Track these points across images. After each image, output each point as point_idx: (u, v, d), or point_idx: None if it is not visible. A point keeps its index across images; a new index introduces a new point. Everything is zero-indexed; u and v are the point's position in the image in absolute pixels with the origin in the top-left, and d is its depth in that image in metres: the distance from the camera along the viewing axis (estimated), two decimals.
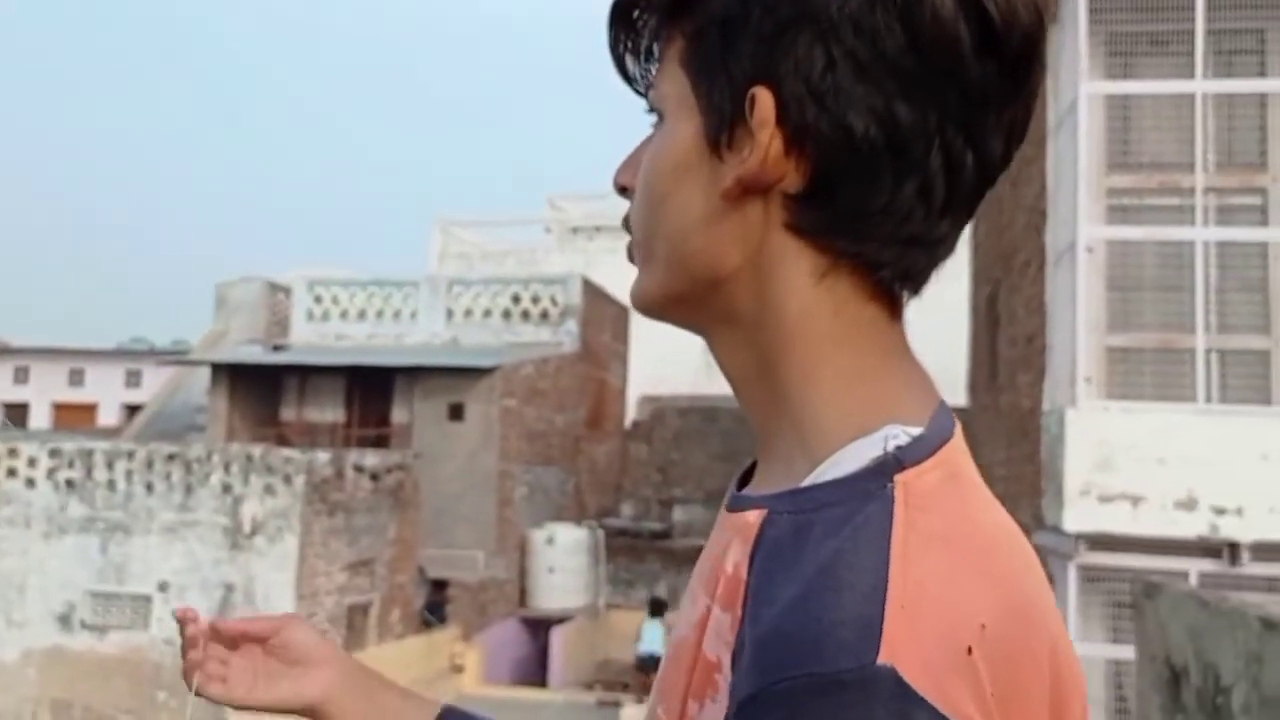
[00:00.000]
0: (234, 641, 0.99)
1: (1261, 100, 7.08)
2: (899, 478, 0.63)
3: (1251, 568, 6.66)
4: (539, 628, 14.73)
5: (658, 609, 13.02)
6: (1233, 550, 6.66)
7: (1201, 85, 7.02)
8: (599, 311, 18.18)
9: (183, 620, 1.02)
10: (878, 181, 0.65)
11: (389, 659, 11.57)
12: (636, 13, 0.73)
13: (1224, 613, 4.81)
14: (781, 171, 0.66)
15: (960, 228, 0.70)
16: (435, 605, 13.24)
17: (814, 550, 0.60)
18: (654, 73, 0.74)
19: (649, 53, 0.75)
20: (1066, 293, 6.96)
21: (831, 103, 0.64)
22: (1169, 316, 7.00)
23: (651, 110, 0.74)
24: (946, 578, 0.59)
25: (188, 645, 1.00)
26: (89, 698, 10.64)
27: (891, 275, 0.69)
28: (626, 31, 0.75)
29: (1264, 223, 7.01)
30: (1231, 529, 6.61)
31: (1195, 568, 6.75)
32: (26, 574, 10.89)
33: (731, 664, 0.61)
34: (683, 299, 0.73)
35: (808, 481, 0.65)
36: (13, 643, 10.84)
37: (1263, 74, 7.13)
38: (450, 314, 17.10)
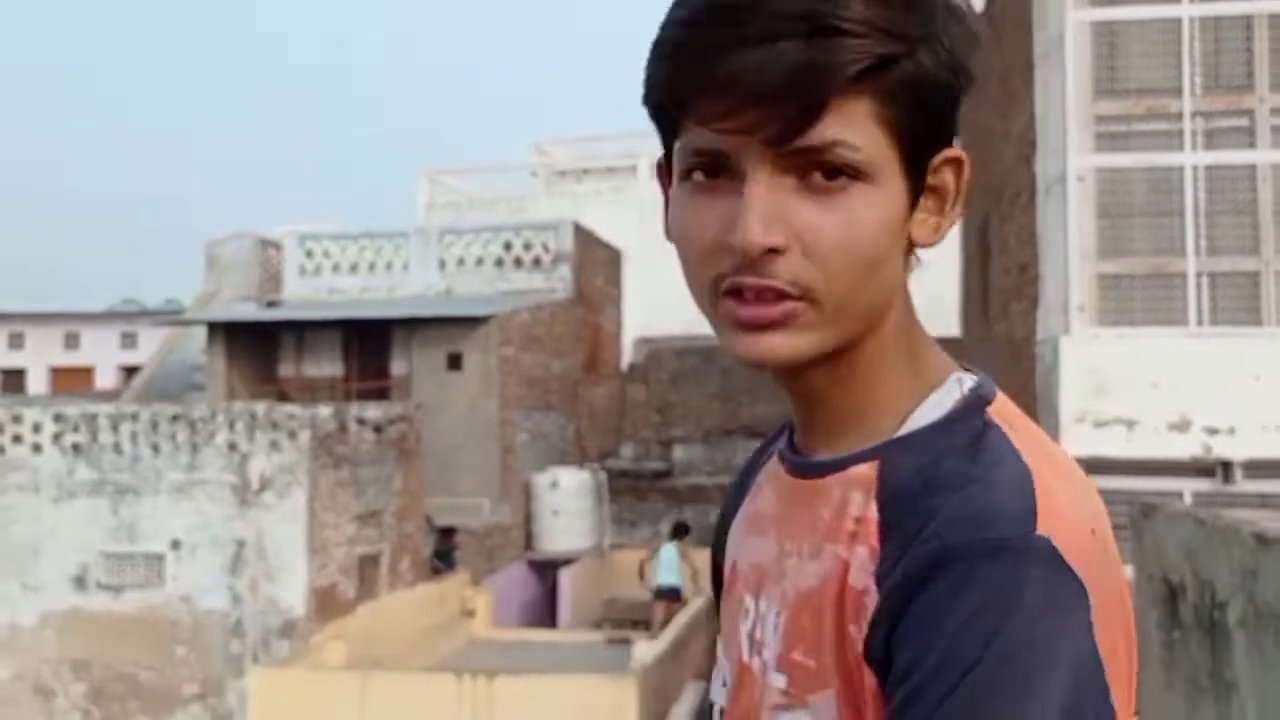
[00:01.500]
0: None
1: (1247, 22, 7.07)
2: (989, 409, 0.76)
3: (1245, 485, 6.79)
4: (546, 570, 14.94)
5: (681, 532, 13.21)
6: (1226, 469, 6.79)
7: (1188, 9, 7.02)
8: (591, 256, 18.18)
9: None
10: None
11: (401, 607, 11.76)
12: (837, 62, 0.70)
13: (1218, 530, 4.92)
14: None
15: None
16: (444, 552, 13.41)
17: (956, 469, 0.71)
18: (823, 128, 0.70)
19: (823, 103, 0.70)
20: (1058, 222, 7.01)
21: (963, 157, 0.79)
22: (1159, 242, 7.06)
23: (829, 168, 0.71)
24: (1059, 480, 0.72)
25: None
26: (108, 657, 10.81)
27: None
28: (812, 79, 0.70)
29: (1252, 144, 7.03)
30: (1224, 448, 6.73)
31: (1190, 487, 6.88)
32: (39, 538, 10.99)
33: (877, 585, 0.71)
34: (841, 347, 0.77)
35: (904, 430, 0.77)
36: (30, 606, 10.97)
37: None
38: (443, 264, 17.09)
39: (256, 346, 16.31)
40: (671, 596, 12.40)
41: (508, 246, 16.91)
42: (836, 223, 0.71)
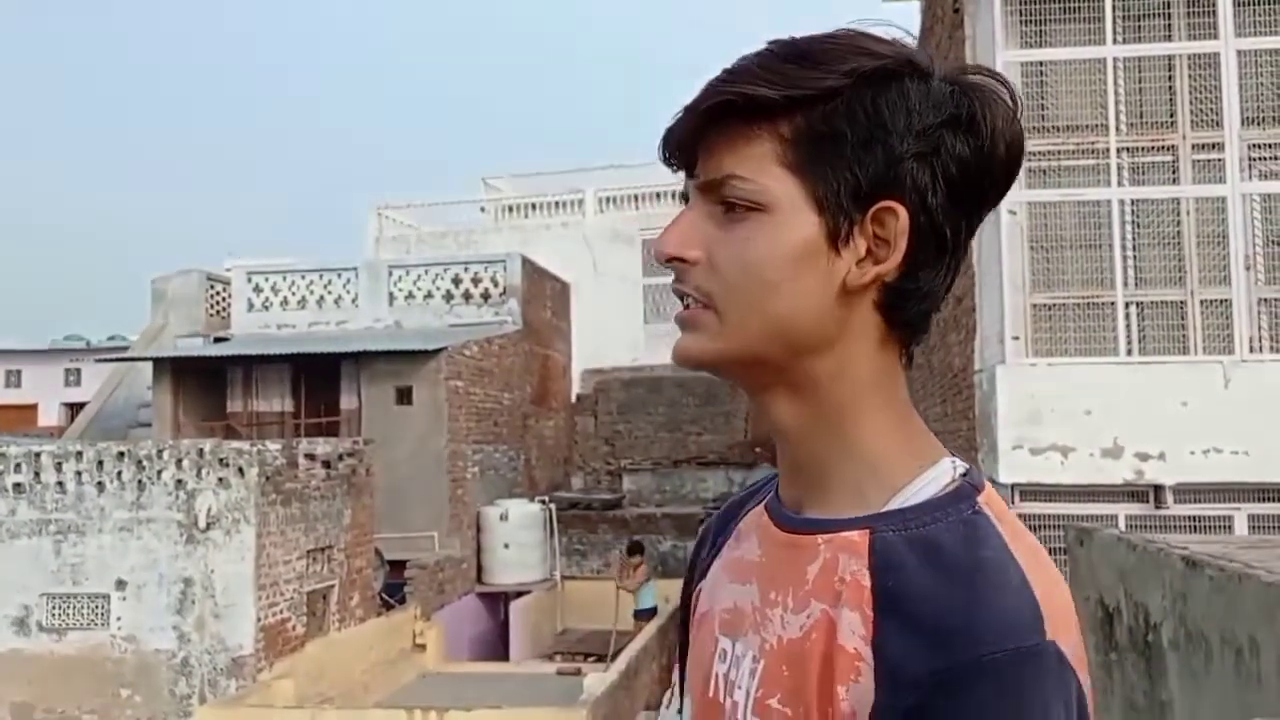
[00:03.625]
0: None
1: (1169, 62, 7.33)
2: (979, 499, 0.81)
3: (1176, 509, 6.95)
4: (497, 602, 14.89)
5: (637, 549, 14.10)
6: (1158, 493, 6.95)
7: (1112, 50, 7.28)
8: (539, 289, 18.25)
9: None
10: (942, 270, 0.84)
11: (351, 642, 11.67)
12: (735, 107, 0.81)
13: (1150, 554, 5.06)
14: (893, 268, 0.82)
15: None
16: (394, 587, 13.33)
17: (955, 558, 0.76)
18: (724, 162, 0.82)
19: (713, 143, 0.83)
20: (992, 254, 7.18)
21: (938, 218, 0.82)
22: (1090, 273, 7.26)
23: (722, 195, 0.83)
24: (1045, 578, 0.78)
25: None
26: (50, 699, 10.62)
27: (914, 339, 0.87)
28: (712, 122, 0.83)
29: (1175, 180, 7.27)
30: (1155, 473, 6.89)
31: (1124, 511, 7.04)
32: None
33: (875, 655, 0.75)
34: (756, 361, 0.84)
35: (894, 505, 0.82)
36: None
37: (1169, 37, 7.39)
38: (392, 298, 17.07)
39: (204, 383, 16.15)
40: (649, 616, 13.15)
41: (456, 281, 16.94)
42: (732, 242, 0.82)
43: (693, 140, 0.84)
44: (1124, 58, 7.29)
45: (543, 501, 15.91)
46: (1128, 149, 7.33)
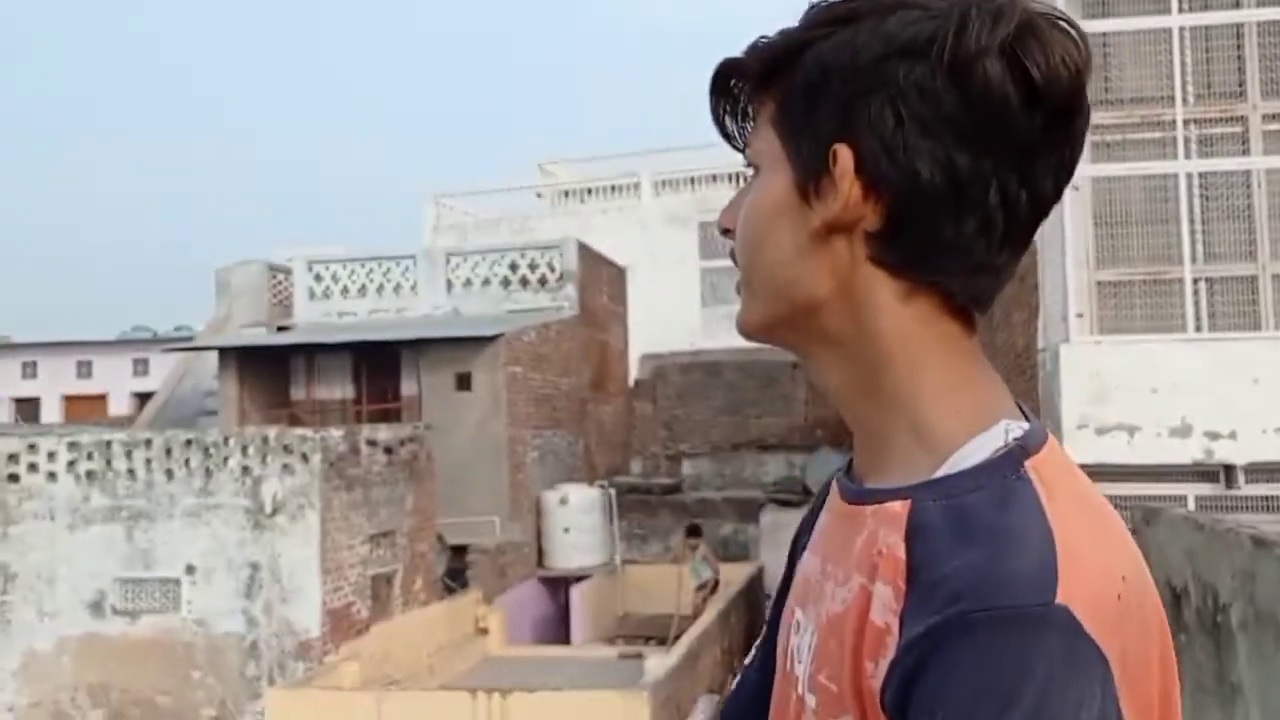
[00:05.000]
0: None
1: (1237, 30, 7.14)
2: (1029, 463, 0.76)
3: (1247, 489, 6.81)
4: (558, 587, 14.98)
5: (695, 532, 14.50)
6: (1228, 473, 6.81)
7: (1178, 19, 7.11)
8: (596, 274, 18.27)
9: None
10: (942, 220, 0.77)
11: (415, 626, 11.82)
12: (733, 81, 0.87)
13: (1218, 534, 4.97)
14: (860, 214, 0.78)
15: (1019, 255, 0.82)
16: (456, 571, 13.47)
17: (983, 523, 0.72)
18: (749, 131, 0.87)
19: (744, 114, 0.87)
20: (1055, 231, 7.06)
21: (901, 155, 0.76)
22: (1156, 249, 7.12)
23: (749, 164, 0.87)
24: (1091, 540, 0.72)
25: None
26: (125, 681, 10.89)
27: (963, 298, 0.81)
28: (725, 97, 0.88)
29: (1245, 151, 7.09)
30: (1226, 452, 6.75)
31: (1193, 492, 6.91)
32: (55, 565, 11.09)
33: (900, 627, 0.72)
34: (781, 323, 0.85)
35: (941, 472, 0.77)
36: (46, 633, 11.06)
37: (1237, 4, 7.20)
38: (450, 285, 17.20)
39: (268, 371, 16.42)
40: (709, 586, 13.61)
41: (513, 267, 17.03)
42: (743, 207, 0.86)
43: (730, 117, 0.88)
44: (1190, 26, 7.11)
45: (602, 486, 15.97)
46: (1195, 121, 7.17)
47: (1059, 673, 0.66)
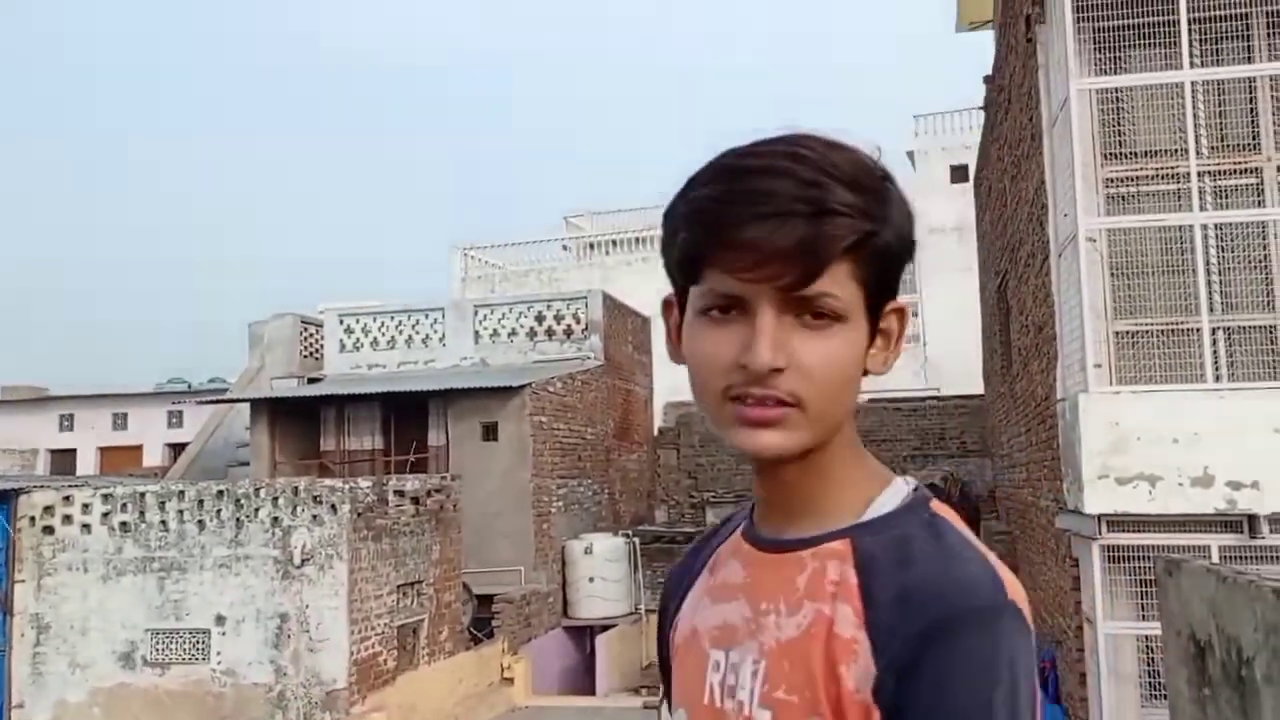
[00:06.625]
0: None
1: (1249, 83, 7.20)
2: (932, 506, 0.99)
3: (1272, 539, 6.73)
4: (583, 636, 14.99)
5: None
6: (1251, 523, 6.74)
7: (1190, 74, 7.17)
8: (620, 324, 18.42)
9: None
10: None
11: (441, 675, 11.85)
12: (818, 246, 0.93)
13: (1241, 586, 4.94)
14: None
15: None
16: (481, 620, 13.50)
17: (921, 549, 0.93)
18: (817, 282, 0.93)
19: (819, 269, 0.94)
20: (1071, 282, 7.07)
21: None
22: (1174, 299, 7.09)
23: (818, 312, 0.93)
24: (997, 561, 0.94)
25: None
26: None
27: None
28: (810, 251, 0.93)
29: (1260, 202, 7.10)
30: (1249, 502, 6.67)
31: (1216, 542, 6.84)
32: (88, 616, 11.23)
33: (869, 635, 0.91)
34: (817, 443, 0.98)
35: (867, 517, 0.98)
36: (78, 684, 11.17)
37: (1249, 59, 7.26)
38: (477, 336, 17.40)
39: (299, 422, 16.61)
40: None
41: (540, 318, 17.20)
42: (823, 351, 0.93)
43: (804, 258, 0.91)
44: (1203, 81, 7.18)
45: (626, 535, 15.99)
46: (1209, 172, 7.19)
47: (1021, 653, 0.88)
